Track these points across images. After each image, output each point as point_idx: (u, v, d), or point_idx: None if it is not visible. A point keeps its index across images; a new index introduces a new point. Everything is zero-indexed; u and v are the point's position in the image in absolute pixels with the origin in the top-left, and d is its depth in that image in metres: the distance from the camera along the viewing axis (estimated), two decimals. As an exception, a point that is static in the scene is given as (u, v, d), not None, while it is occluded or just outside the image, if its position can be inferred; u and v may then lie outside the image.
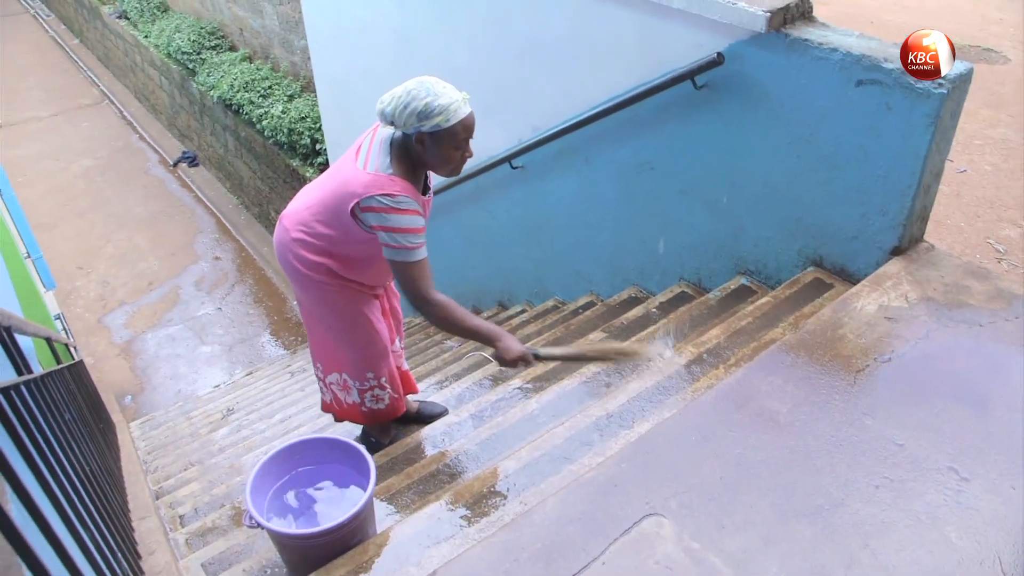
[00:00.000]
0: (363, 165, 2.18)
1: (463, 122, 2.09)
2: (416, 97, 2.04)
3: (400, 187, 2.13)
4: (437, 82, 2.08)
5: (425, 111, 2.04)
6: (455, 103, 2.06)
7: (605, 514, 1.67)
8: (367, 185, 2.12)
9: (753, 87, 2.67)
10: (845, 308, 2.28)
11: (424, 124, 2.06)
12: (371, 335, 2.54)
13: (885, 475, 1.70)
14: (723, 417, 1.95)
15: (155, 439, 4.85)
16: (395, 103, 2.07)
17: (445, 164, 2.18)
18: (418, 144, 2.13)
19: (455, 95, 2.07)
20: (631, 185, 3.34)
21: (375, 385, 2.63)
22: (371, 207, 2.12)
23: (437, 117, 2.05)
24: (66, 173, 10.51)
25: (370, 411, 2.70)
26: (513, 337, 2.24)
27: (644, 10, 2.89)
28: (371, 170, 2.15)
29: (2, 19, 16.04)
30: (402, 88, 2.09)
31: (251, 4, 8.21)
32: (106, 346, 7.44)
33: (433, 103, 2.04)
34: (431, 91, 2.05)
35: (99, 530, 1.64)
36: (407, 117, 2.07)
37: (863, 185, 2.48)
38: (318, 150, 7.06)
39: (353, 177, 2.17)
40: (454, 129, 2.08)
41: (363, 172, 2.15)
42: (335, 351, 2.62)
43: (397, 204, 2.10)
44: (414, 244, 2.15)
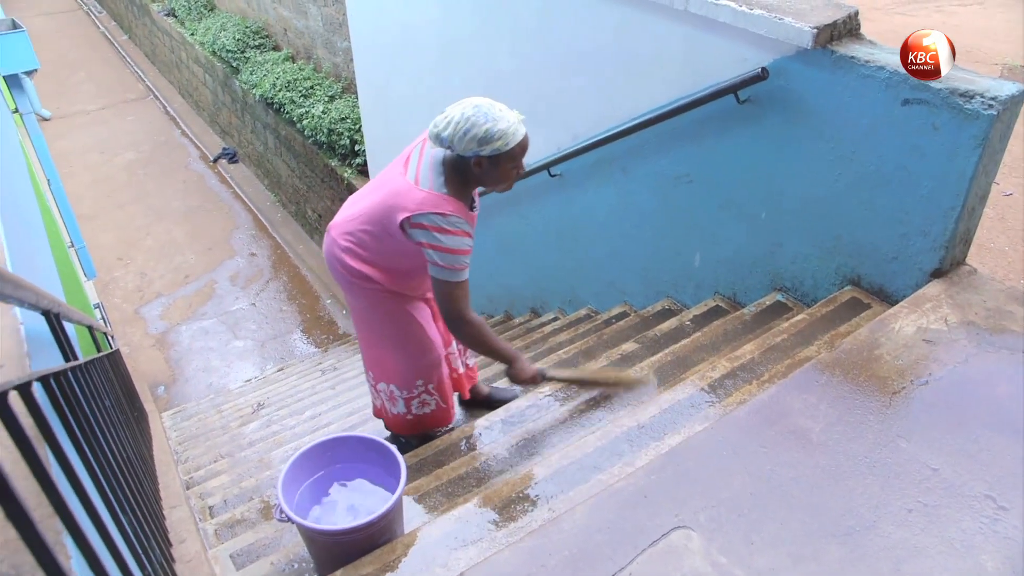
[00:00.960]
0: (414, 180, 2.20)
1: (520, 144, 2.13)
2: (476, 124, 2.06)
3: (453, 207, 2.16)
4: (493, 105, 2.10)
5: (486, 137, 2.07)
6: (512, 126, 2.09)
7: (634, 525, 1.67)
8: (420, 203, 2.14)
9: (796, 103, 2.66)
10: (883, 329, 2.26)
11: (484, 148, 2.09)
12: (424, 344, 2.56)
13: (919, 499, 1.68)
14: (755, 433, 1.94)
15: (186, 430, 4.93)
16: (453, 128, 2.09)
17: (501, 183, 2.22)
18: (476, 167, 2.16)
19: (512, 118, 2.10)
20: (669, 197, 3.33)
21: (423, 391, 2.66)
22: (421, 224, 2.14)
23: (497, 142, 2.08)
24: (110, 166, 10.73)
25: (416, 418, 2.73)
26: (527, 360, 2.43)
27: (689, 23, 2.89)
28: (424, 187, 2.17)
29: (57, 15, 16.45)
30: (458, 112, 2.10)
31: (296, 5, 8.32)
32: (142, 336, 7.58)
33: (493, 129, 2.06)
34: (489, 116, 2.07)
35: (135, 515, 1.68)
36: (467, 142, 2.09)
37: (905, 205, 2.46)
38: (357, 151, 7.13)
39: (405, 192, 2.19)
40: (513, 152, 2.12)
41: (416, 188, 2.18)
42: (386, 360, 2.64)
43: (449, 224, 2.14)
44: (460, 265, 2.19)
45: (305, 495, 2.06)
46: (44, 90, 11.34)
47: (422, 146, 2.29)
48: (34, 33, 5.65)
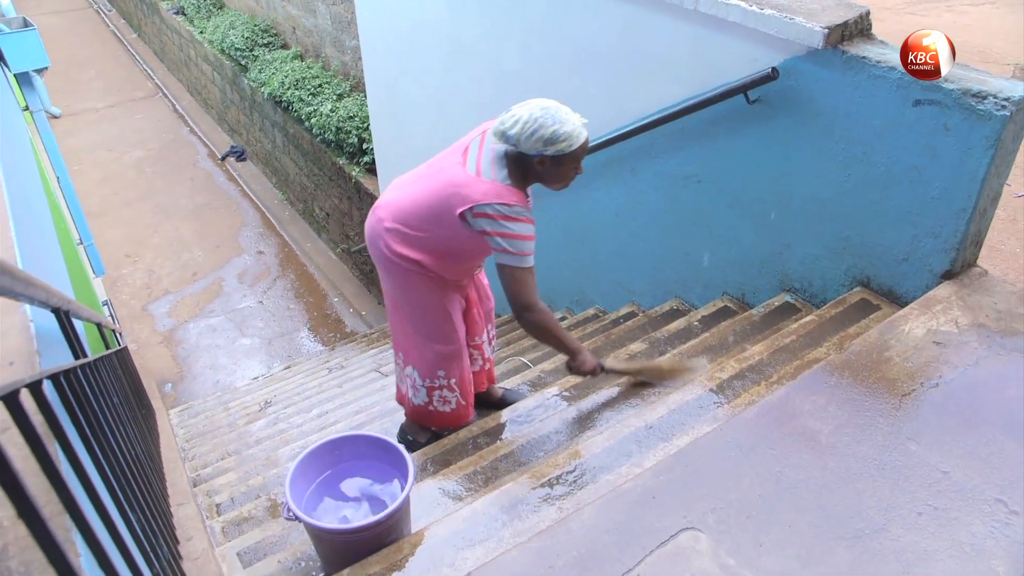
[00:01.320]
0: (475, 171, 2.27)
1: (582, 146, 2.20)
2: (544, 125, 2.13)
3: (517, 198, 2.23)
4: (560, 108, 2.17)
5: (552, 138, 2.14)
6: (577, 129, 2.16)
7: (642, 525, 1.66)
8: (486, 193, 2.21)
9: (806, 103, 2.65)
10: (892, 330, 2.25)
11: (549, 149, 2.16)
12: (448, 332, 2.60)
13: (929, 502, 1.67)
14: (764, 434, 1.93)
15: (193, 427, 4.94)
16: (520, 128, 2.15)
17: (560, 181, 2.30)
18: (539, 165, 2.22)
19: (577, 121, 2.17)
20: (677, 197, 3.32)
21: (444, 385, 2.68)
22: (487, 214, 2.21)
23: (562, 143, 2.15)
24: (118, 163, 10.76)
25: (436, 413, 2.75)
26: (589, 352, 2.48)
27: (698, 22, 2.88)
28: (487, 178, 2.24)
29: (67, 13, 16.51)
30: (527, 112, 2.16)
31: (305, 3, 8.33)
32: (149, 333, 7.59)
33: (560, 131, 2.13)
34: (556, 118, 2.14)
35: (144, 512, 1.68)
36: (533, 142, 2.15)
37: (915, 207, 2.45)
38: (365, 149, 7.14)
39: (467, 182, 2.25)
40: (575, 153, 2.19)
41: (479, 179, 2.24)
42: (411, 343, 2.68)
43: (515, 213, 2.22)
44: (527, 251, 2.26)
45: (313, 494, 2.06)
46: (54, 87, 11.37)
47: (481, 138, 2.35)
48: (44, 31, 5.67)
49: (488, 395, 3.04)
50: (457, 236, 2.31)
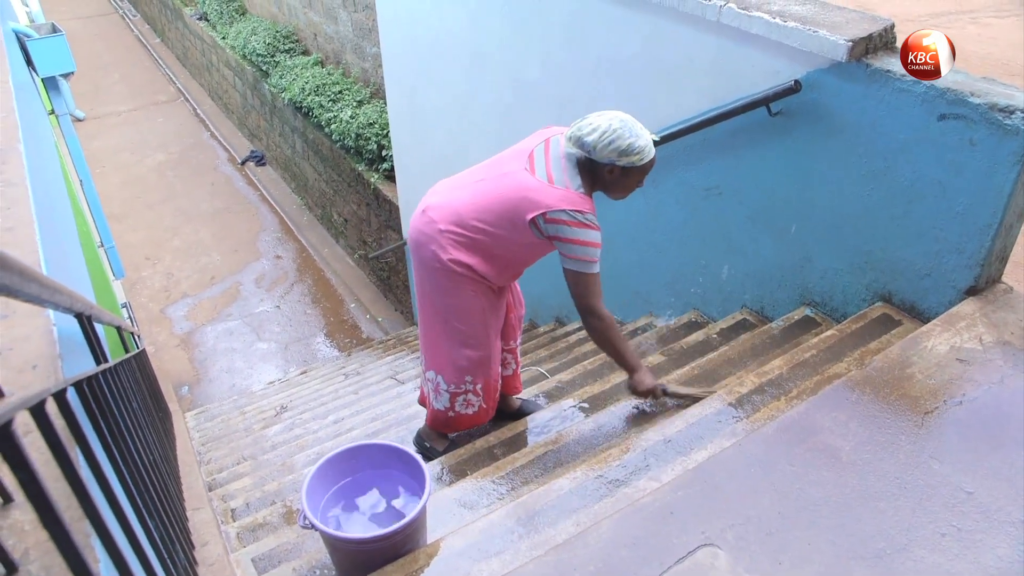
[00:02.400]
0: (545, 177, 2.30)
1: (651, 161, 2.28)
2: (621, 136, 2.21)
3: (589, 206, 2.29)
4: (635, 122, 2.25)
5: (627, 149, 2.21)
6: (649, 145, 2.25)
7: (660, 541, 1.65)
8: (559, 199, 2.26)
9: (829, 116, 2.63)
10: (915, 347, 2.22)
11: (622, 160, 2.23)
12: (483, 338, 2.60)
13: (953, 523, 1.64)
14: (783, 450, 1.91)
15: (209, 431, 4.96)
16: (599, 136, 2.22)
17: (623, 191, 2.37)
18: (608, 173, 2.29)
19: (649, 138, 2.26)
20: (697, 208, 3.31)
21: (470, 390, 2.67)
22: (560, 220, 2.25)
23: (635, 156, 2.23)
24: (140, 166, 10.86)
25: (456, 416, 2.73)
26: (649, 371, 2.49)
27: (721, 34, 2.87)
28: (559, 185, 2.28)
29: (94, 18, 16.71)
30: (605, 122, 2.23)
31: (326, 10, 8.39)
32: (167, 336, 7.65)
33: (635, 143, 2.21)
34: (633, 132, 2.22)
35: (161, 517, 1.68)
36: (609, 151, 2.22)
37: (939, 222, 2.42)
38: (384, 156, 7.16)
39: (539, 188, 2.28)
40: (644, 167, 2.28)
41: (551, 186, 2.28)
42: (441, 348, 2.64)
43: (587, 220, 2.27)
44: (594, 258, 2.32)
45: (329, 502, 2.06)
46: (78, 91, 11.50)
47: (545, 145, 2.39)
48: (70, 36, 5.73)
49: (506, 405, 3.03)
50: (522, 241, 2.36)
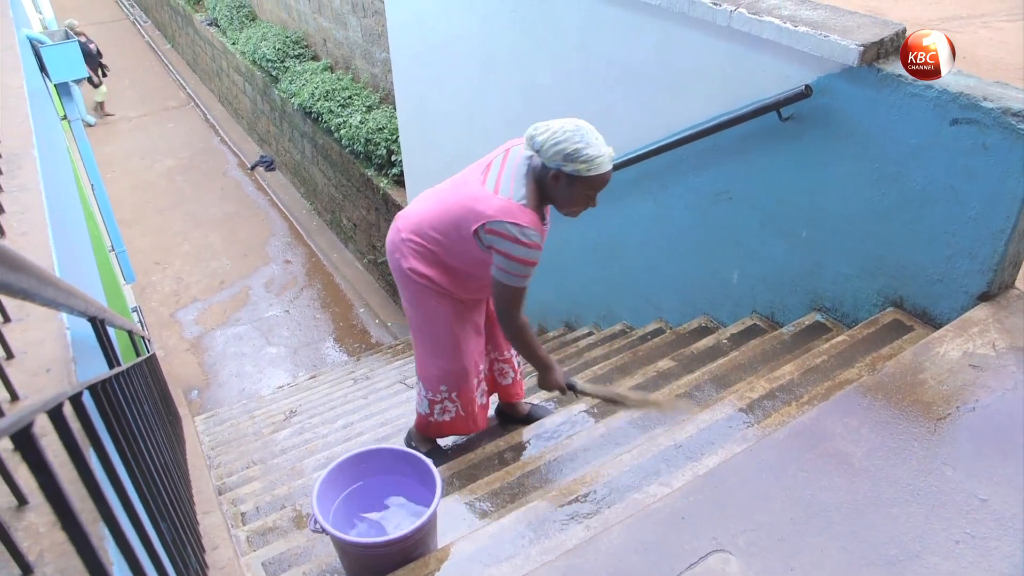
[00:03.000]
0: (494, 188, 2.24)
1: (601, 177, 2.16)
2: (569, 140, 2.11)
3: (529, 219, 2.19)
4: (593, 132, 2.15)
5: (573, 154, 2.11)
6: (601, 158, 2.13)
7: (671, 546, 1.64)
8: (499, 210, 2.19)
9: (840, 121, 2.62)
10: (927, 352, 2.21)
11: (566, 165, 2.13)
12: (452, 352, 2.59)
13: (966, 530, 1.63)
14: (795, 456, 1.91)
15: (219, 435, 4.97)
16: (548, 136, 2.14)
17: (569, 205, 2.27)
18: (554, 179, 2.19)
19: (604, 150, 2.14)
20: (708, 214, 3.30)
21: (446, 398, 2.69)
22: (496, 231, 2.19)
23: (580, 163, 2.11)
24: (150, 171, 10.92)
25: (436, 423, 2.75)
26: (560, 370, 2.49)
27: (732, 39, 2.87)
28: (504, 196, 2.22)
29: (106, 24, 16.83)
30: (560, 125, 2.15)
31: (336, 16, 8.42)
32: (177, 340, 7.68)
33: (583, 150, 2.10)
34: (585, 139, 2.11)
35: (172, 519, 1.69)
36: (554, 153, 2.13)
37: (951, 227, 2.41)
38: (393, 161, 7.18)
39: (483, 198, 2.23)
40: (591, 179, 2.15)
41: (495, 196, 2.22)
42: (420, 356, 2.70)
43: (523, 236, 2.18)
44: (524, 274, 2.26)
45: (340, 507, 2.06)
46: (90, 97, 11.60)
47: (504, 156, 2.34)
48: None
49: (515, 410, 3.04)
50: (471, 253, 2.31)
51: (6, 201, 1.86)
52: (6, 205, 1.83)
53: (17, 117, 2.39)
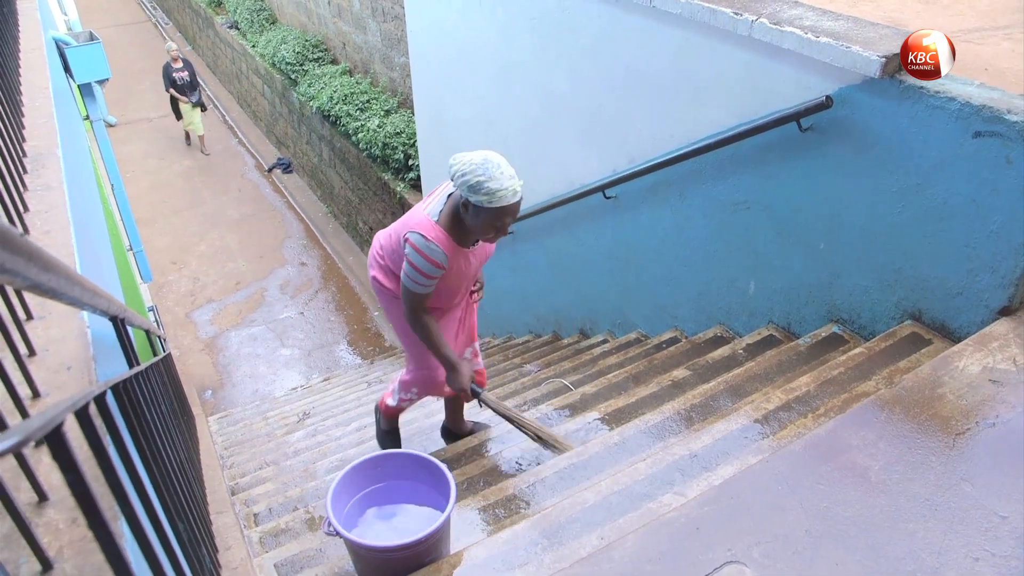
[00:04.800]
0: (426, 207, 2.47)
1: (505, 209, 2.26)
2: (474, 172, 2.22)
3: (436, 235, 2.37)
4: (501, 165, 2.25)
5: (476, 186, 2.22)
6: (504, 191, 2.22)
7: (685, 557, 1.63)
8: (417, 223, 2.40)
9: (861, 133, 2.61)
10: (946, 366, 2.19)
11: (472, 196, 2.24)
12: (421, 356, 2.82)
13: (986, 548, 1.61)
14: (811, 468, 1.89)
15: (232, 435, 4.99)
16: (458, 166, 2.26)
17: (479, 232, 2.38)
18: (464, 207, 2.33)
19: (508, 184, 2.23)
20: (725, 223, 3.29)
21: (414, 397, 3.03)
22: (408, 239, 2.40)
23: (482, 195, 2.22)
24: (168, 172, 11.00)
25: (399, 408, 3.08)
26: (466, 374, 2.64)
27: (752, 49, 2.86)
28: (427, 212, 2.43)
29: (128, 26, 16.99)
30: (471, 156, 2.27)
31: (356, 20, 8.47)
32: (192, 340, 7.72)
33: (484, 183, 2.21)
34: (489, 172, 2.22)
35: (187, 518, 1.70)
36: (461, 183, 2.26)
37: (972, 240, 2.39)
38: (410, 165, 7.20)
39: (415, 214, 2.47)
40: (494, 211, 2.26)
41: (422, 212, 2.45)
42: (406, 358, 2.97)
43: (426, 248, 2.36)
44: (420, 282, 2.42)
45: (353, 510, 2.06)
46: (111, 97, 11.69)
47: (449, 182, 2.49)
48: (105, 43, 5.83)
49: (458, 428, 3.29)
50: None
51: (31, 200, 1.88)
52: (31, 204, 1.85)
53: (42, 117, 2.41)
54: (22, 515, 0.85)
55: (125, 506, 0.88)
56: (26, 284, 0.65)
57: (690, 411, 2.59)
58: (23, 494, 1.09)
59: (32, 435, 0.52)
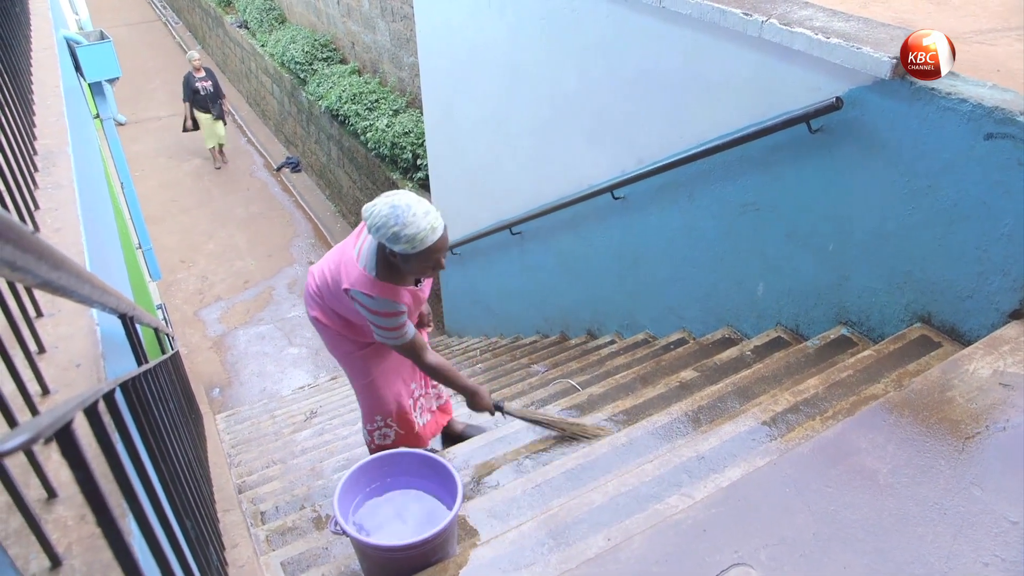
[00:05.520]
0: (358, 254, 2.39)
1: (431, 248, 2.21)
2: (387, 224, 2.16)
3: (380, 290, 2.34)
4: (410, 208, 2.16)
5: (394, 237, 2.17)
6: (422, 233, 2.16)
7: (692, 559, 1.63)
8: (355, 280, 2.36)
9: (871, 134, 2.60)
10: (955, 370, 2.18)
11: (394, 246, 2.20)
12: (372, 389, 2.83)
13: (996, 553, 1.60)
14: (818, 471, 1.88)
15: (239, 433, 5.00)
16: (372, 219, 2.20)
17: (417, 274, 2.39)
18: (391, 255, 2.29)
19: (424, 224, 2.16)
20: (734, 225, 3.29)
21: (383, 425, 2.91)
22: (355, 299, 2.38)
23: (404, 243, 2.17)
24: (177, 170, 11.04)
25: (378, 447, 2.97)
26: (486, 394, 2.66)
27: (762, 50, 2.85)
28: (362, 265, 2.37)
29: (138, 25, 17.07)
30: (380, 207, 2.19)
31: (365, 20, 8.48)
32: (200, 338, 7.74)
33: (401, 232, 2.15)
34: (402, 219, 2.15)
35: (194, 516, 1.70)
36: (379, 235, 2.20)
37: (983, 243, 2.38)
38: (419, 165, 7.21)
39: (349, 263, 2.41)
40: (421, 253, 2.21)
41: (356, 265, 2.37)
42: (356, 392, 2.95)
43: (375, 305, 2.35)
44: (396, 328, 2.40)
45: (361, 510, 2.06)
46: (121, 96, 11.73)
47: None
48: (116, 42, 5.86)
49: (450, 428, 3.25)
50: (349, 306, 2.46)
51: (41, 198, 1.88)
52: (41, 202, 1.86)
53: (53, 116, 2.42)
54: (32, 512, 0.86)
55: (133, 504, 0.88)
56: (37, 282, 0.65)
57: (698, 413, 2.58)
58: (32, 490, 1.10)
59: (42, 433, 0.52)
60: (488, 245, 5.55)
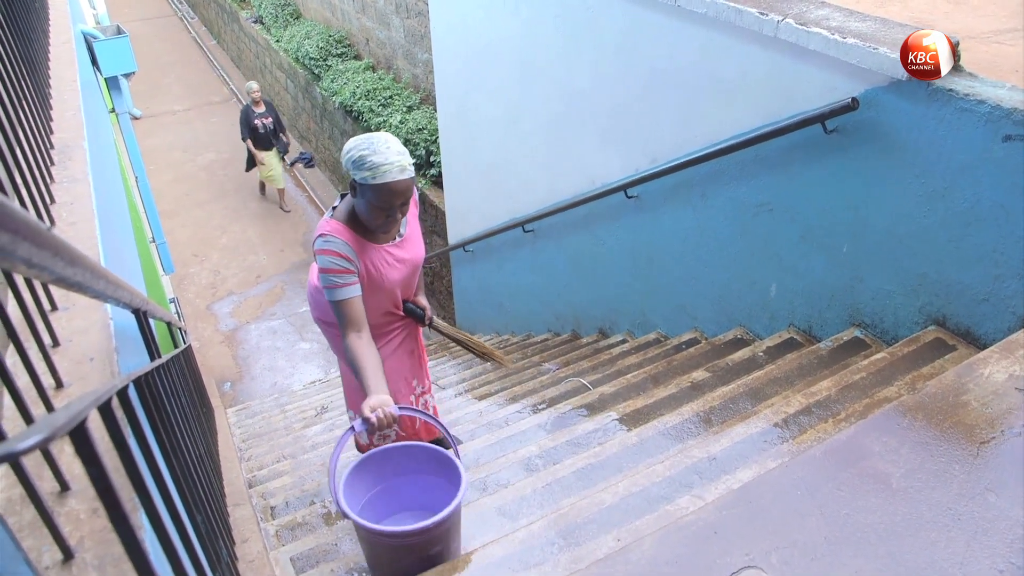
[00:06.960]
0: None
1: (388, 186, 2.14)
2: (358, 147, 2.16)
3: (331, 228, 2.26)
4: (387, 142, 2.16)
5: (359, 161, 2.14)
6: (387, 166, 2.12)
7: (702, 561, 1.62)
8: (318, 227, 2.31)
9: (887, 135, 2.58)
10: (970, 373, 2.16)
11: (356, 172, 2.17)
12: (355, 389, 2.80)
13: (1011, 560, 1.59)
14: (831, 474, 1.87)
15: (250, 428, 5.02)
16: (348, 145, 2.20)
17: (369, 218, 2.25)
18: (352, 190, 2.25)
19: (393, 159, 2.14)
20: (747, 225, 3.27)
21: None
22: (313, 247, 2.29)
23: (365, 171, 2.14)
24: (192, 165, 11.09)
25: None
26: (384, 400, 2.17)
27: (777, 49, 2.84)
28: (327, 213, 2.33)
29: (154, 20, 17.15)
30: (361, 136, 2.20)
31: (379, 16, 8.48)
32: (212, 332, 7.78)
33: (367, 158, 2.13)
34: (372, 147, 2.14)
35: (205, 510, 1.71)
36: (347, 161, 2.18)
37: (1000, 246, 2.35)
38: (432, 162, 7.21)
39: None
40: (376, 186, 2.15)
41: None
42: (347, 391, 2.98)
43: (324, 244, 2.24)
44: (332, 284, 2.25)
45: (368, 504, 2.07)
46: (136, 90, 11.81)
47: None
48: (132, 37, 5.89)
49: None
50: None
51: (57, 192, 1.89)
52: (57, 196, 1.87)
53: (70, 110, 2.43)
54: (45, 505, 0.86)
55: (145, 498, 0.88)
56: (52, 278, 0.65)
57: (709, 413, 2.57)
58: (46, 483, 1.10)
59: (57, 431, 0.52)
60: (500, 242, 5.55)
